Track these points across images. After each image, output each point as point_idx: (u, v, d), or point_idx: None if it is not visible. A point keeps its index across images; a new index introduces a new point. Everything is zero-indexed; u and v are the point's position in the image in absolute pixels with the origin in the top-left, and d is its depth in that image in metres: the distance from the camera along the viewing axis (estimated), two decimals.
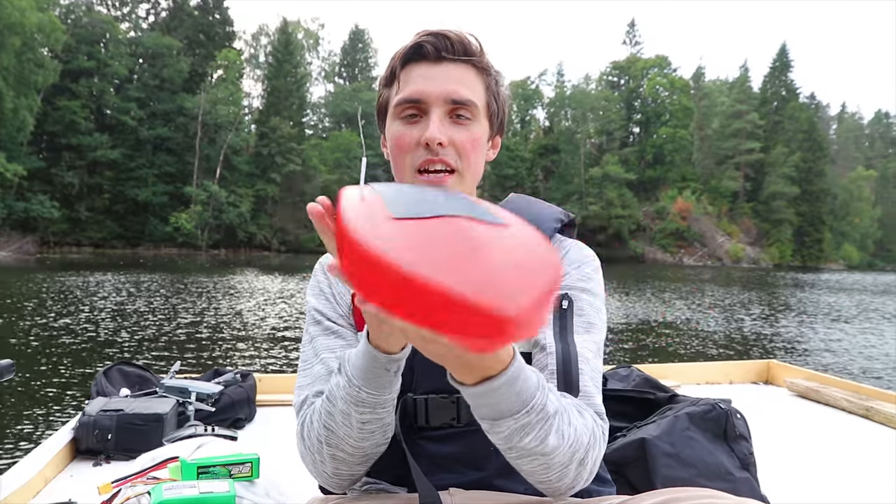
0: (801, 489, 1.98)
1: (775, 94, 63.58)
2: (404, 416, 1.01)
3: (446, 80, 1.02)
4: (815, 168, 59.15)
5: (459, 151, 1.02)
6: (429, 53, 1.02)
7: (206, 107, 42.95)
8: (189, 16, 48.60)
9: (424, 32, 1.04)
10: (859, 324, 11.83)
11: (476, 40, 1.06)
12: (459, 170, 1.03)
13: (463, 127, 1.03)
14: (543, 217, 1.12)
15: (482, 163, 1.09)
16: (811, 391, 3.12)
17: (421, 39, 1.03)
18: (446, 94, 1.01)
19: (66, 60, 39.18)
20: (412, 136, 1.02)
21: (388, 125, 1.08)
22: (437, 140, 0.99)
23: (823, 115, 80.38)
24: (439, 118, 1.01)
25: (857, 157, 78.46)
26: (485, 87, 1.06)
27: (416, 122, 1.03)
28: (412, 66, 1.04)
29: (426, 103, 1.01)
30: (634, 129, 62.66)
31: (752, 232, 58.72)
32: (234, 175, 44.95)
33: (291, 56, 50.02)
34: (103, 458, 2.07)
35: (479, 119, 1.05)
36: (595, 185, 53.05)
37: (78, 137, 39.33)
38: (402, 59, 1.05)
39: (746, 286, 23.25)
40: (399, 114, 1.04)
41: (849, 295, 20.60)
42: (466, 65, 1.04)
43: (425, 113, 1.02)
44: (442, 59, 1.03)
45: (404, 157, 1.04)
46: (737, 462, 1.21)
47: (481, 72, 1.06)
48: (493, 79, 1.08)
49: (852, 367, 7.89)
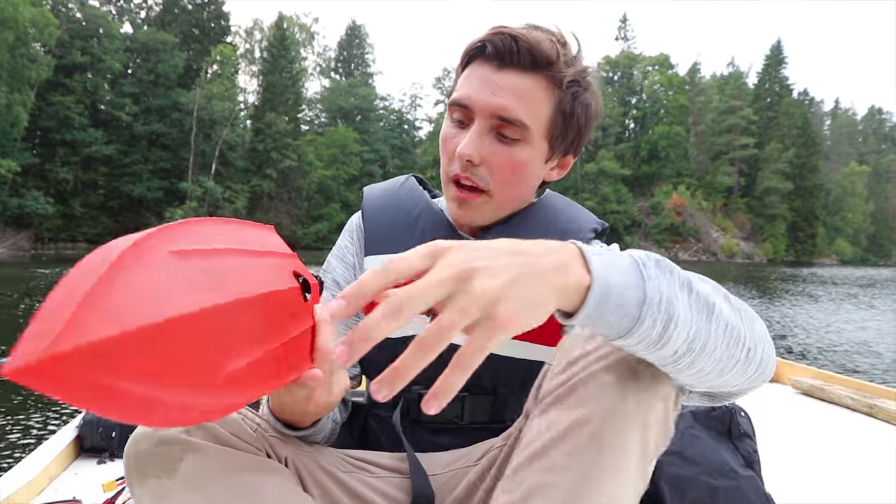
0: (805, 487, 1.98)
1: (769, 90, 63.68)
2: (407, 410, 1.01)
3: (500, 91, 0.90)
4: (808, 164, 59.29)
5: (494, 173, 0.93)
6: (491, 56, 0.91)
7: (202, 102, 42.74)
8: (183, 11, 48.34)
9: (496, 29, 0.92)
10: (857, 315, 11.92)
11: (557, 47, 0.92)
12: (490, 191, 0.94)
13: (506, 146, 0.92)
14: (580, 222, 1.05)
15: (527, 187, 0.98)
16: (815, 389, 3.12)
17: (488, 37, 0.91)
18: (493, 108, 0.90)
19: (59, 56, 38.90)
20: (454, 142, 0.95)
21: (445, 119, 1.00)
22: (467, 157, 0.91)
23: (817, 111, 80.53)
24: (479, 132, 0.91)
25: (850, 153, 78.72)
26: (554, 103, 0.93)
27: (463, 129, 0.95)
28: (475, 64, 0.94)
29: (472, 111, 0.92)
30: (630, 125, 62.71)
31: (747, 227, 58.86)
32: (229, 171, 44.79)
33: (287, 51, 49.79)
34: (107, 455, 2.06)
35: (531, 141, 0.93)
36: (590, 181, 53.08)
37: (72, 133, 39.08)
38: (467, 55, 0.95)
39: (742, 281, 23.31)
40: (451, 114, 0.96)
41: (845, 288, 20.71)
42: (534, 75, 0.91)
43: (471, 121, 0.93)
44: (504, 66, 0.90)
45: (445, 160, 0.97)
46: (741, 460, 1.21)
47: (554, 86, 0.92)
48: (570, 94, 0.94)
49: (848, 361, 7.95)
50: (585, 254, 0.56)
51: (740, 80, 64.35)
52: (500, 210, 0.98)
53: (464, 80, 0.94)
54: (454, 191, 0.96)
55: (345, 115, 58.89)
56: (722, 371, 0.63)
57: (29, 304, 9.41)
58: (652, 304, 0.56)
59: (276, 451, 0.84)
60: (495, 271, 0.50)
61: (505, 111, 0.89)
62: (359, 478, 0.92)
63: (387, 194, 1.11)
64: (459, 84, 0.95)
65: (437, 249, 0.53)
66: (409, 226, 1.04)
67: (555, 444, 0.66)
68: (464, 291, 0.49)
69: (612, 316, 0.56)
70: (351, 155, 51.12)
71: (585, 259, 0.56)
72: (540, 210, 1.05)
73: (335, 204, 48.16)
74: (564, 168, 1.03)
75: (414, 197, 1.08)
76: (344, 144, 50.99)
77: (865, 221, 68.69)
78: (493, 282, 0.50)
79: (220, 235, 0.58)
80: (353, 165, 50.64)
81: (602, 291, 0.55)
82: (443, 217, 1.05)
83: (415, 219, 1.04)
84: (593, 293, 0.54)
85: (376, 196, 1.12)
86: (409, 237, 1.02)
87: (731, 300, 0.65)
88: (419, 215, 1.05)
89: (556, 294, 0.53)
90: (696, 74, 65.62)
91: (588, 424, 0.65)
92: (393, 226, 1.05)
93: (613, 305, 0.55)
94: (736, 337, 0.62)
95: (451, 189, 0.97)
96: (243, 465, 0.76)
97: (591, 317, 0.55)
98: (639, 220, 54.91)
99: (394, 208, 1.07)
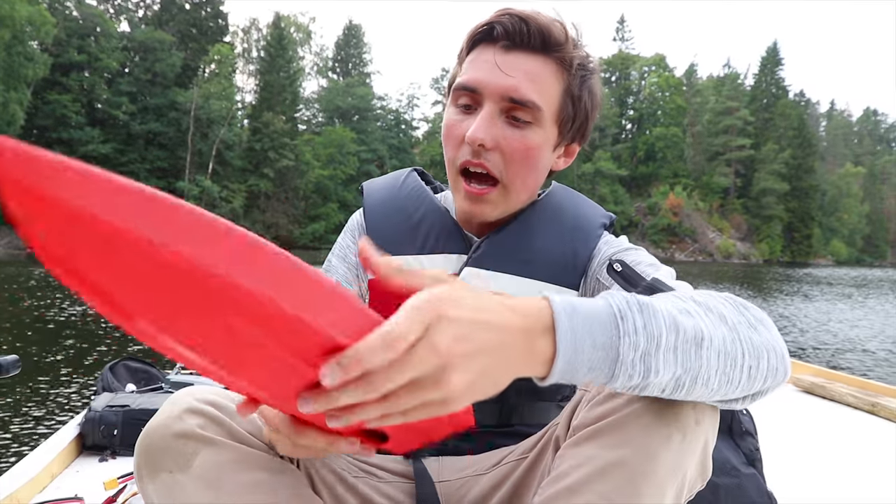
0: (807, 485, 1.98)
1: (766, 91, 63.84)
2: None
3: (510, 72, 0.87)
4: (804, 165, 59.47)
5: (506, 158, 0.89)
6: (499, 37, 0.88)
7: (199, 101, 42.67)
8: (181, 10, 48.26)
9: (503, 11, 0.89)
10: (850, 314, 11.97)
11: (566, 28, 0.90)
12: (504, 181, 0.91)
13: (518, 130, 0.89)
14: (590, 217, 1.02)
15: (539, 174, 0.94)
16: (817, 387, 3.12)
17: (495, 19, 0.88)
18: (504, 90, 0.87)
19: (56, 54, 38.80)
20: (461, 128, 0.91)
21: (447, 108, 0.95)
22: (479, 141, 0.87)
23: (813, 113, 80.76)
24: (490, 115, 0.88)
25: (845, 154, 79.02)
26: (563, 87, 0.91)
27: (470, 114, 0.91)
28: (481, 48, 0.90)
29: (481, 95, 0.88)
30: (627, 126, 62.79)
31: (743, 227, 59.01)
32: (226, 170, 44.71)
33: (284, 51, 49.73)
34: (109, 453, 2.07)
35: (543, 124, 0.90)
36: (587, 181, 53.13)
37: (69, 132, 38.98)
38: (471, 39, 0.92)
39: (739, 281, 23.36)
40: (455, 100, 0.92)
41: (839, 288, 20.77)
42: (543, 57, 0.89)
43: (480, 105, 0.89)
44: (513, 48, 0.88)
45: (451, 150, 0.93)
46: (743, 458, 1.20)
47: (563, 68, 0.90)
48: (579, 77, 0.92)
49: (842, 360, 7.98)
50: (556, 321, 0.54)
51: (737, 82, 64.50)
52: (511, 203, 0.95)
53: (470, 63, 0.91)
54: (464, 185, 0.92)
55: (342, 115, 58.82)
56: (725, 392, 0.63)
57: (32, 301, 9.37)
58: (625, 363, 0.56)
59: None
60: (469, 365, 0.50)
61: (516, 92, 0.87)
62: (367, 482, 0.91)
63: (389, 194, 1.07)
64: (465, 68, 0.91)
65: (434, 316, 0.49)
66: (413, 229, 1.00)
67: (590, 482, 0.65)
68: (435, 379, 0.49)
69: (584, 377, 0.56)
70: (348, 155, 51.05)
71: (555, 326, 0.54)
72: (549, 206, 1.02)
73: (332, 204, 48.09)
74: (571, 156, 1.01)
75: (416, 196, 1.04)
76: (341, 144, 50.92)
77: (861, 222, 68.91)
78: (464, 377, 0.50)
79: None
80: (350, 165, 50.58)
81: (568, 363, 0.54)
82: (447, 218, 1.01)
83: (418, 222, 1.01)
84: (557, 366, 0.54)
85: (377, 195, 1.08)
86: (412, 242, 0.99)
87: (729, 317, 0.63)
88: (422, 218, 1.01)
89: (519, 372, 0.54)
90: (693, 75, 65.76)
91: (626, 467, 0.64)
92: (396, 230, 1.01)
93: (584, 369, 0.55)
94: (732, 360, 0.61)
95: (461, 182, 0.92)
96: (257, 463, 0.75)
97: (560, 379, 0.56)
98: (636, 221, 55.03)
99: (396, 210, 1.03)
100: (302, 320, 0.44)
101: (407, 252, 0.98)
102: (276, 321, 0.43)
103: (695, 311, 0.61)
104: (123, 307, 0.42)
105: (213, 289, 0.41)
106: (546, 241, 0.97)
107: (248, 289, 0.41)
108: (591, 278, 0.95)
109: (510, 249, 0.96)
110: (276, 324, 0.43)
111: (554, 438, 0.80)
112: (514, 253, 0.96)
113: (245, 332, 0.44)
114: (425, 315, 0.48)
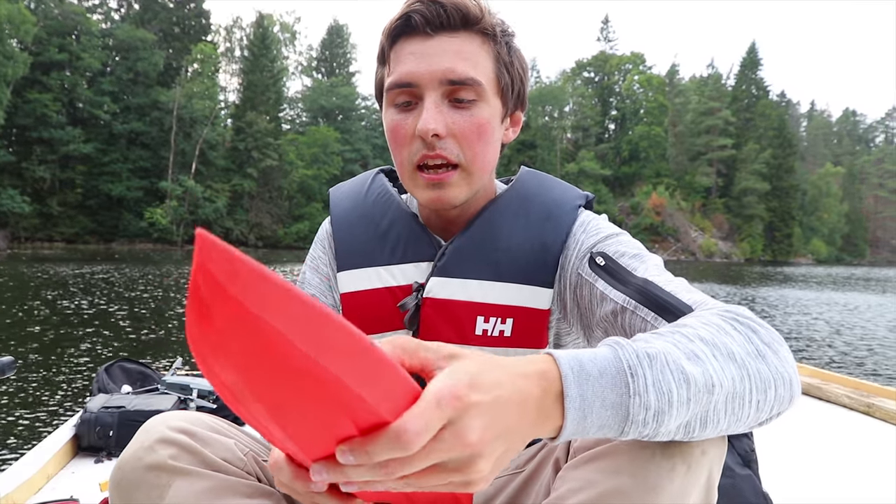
0: (802, 486, 1.98)
1: (746, 91, 64.44)
2: None
3: (441, 56, 0.85)
4: (785, 164, 60.16)
5: (461, 141, 0.87)
6: (418, 26, 0.86)
7: (182, 101, 42.30)
8: (163, 8, 47.82)
9: (413, 1, 0.86)
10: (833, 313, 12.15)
11: (478, 1, 0.88)
12: (463, 164, 0.88)
13: (465, 111, 0.87)
14: (560, 202, 0.97)
15: (494, 150, 0.92)
16: (812, 387, 3.11)
17: (409, 9, 0.86)
18: (440, 74, 0.85)
19: (36, 52, 38.29)
20: (407, 126, 0.88)
21: (384, 112, 0.92)
22: (432, 131, 0.84)
23: (793, 113, 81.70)
24: (434, 104, 0.85)
25: (825, 154, 79.94)
26: (493, 57, 0.89)
27: (412, 110, 0.88)
28: (402, 42, 0.88)
29: (419, 87, 0.86)
30: (610, 126, 63.15)
31: (725, 227, 59.56)
32: (209, 170, 44.37)
33: (268, 50, 49.46)
34: (105, 454, 2.09)
35: (487, 98, 0.88)
36: (571, 181, 51.98)
37: (49, 131, 38.49)
38: (390, 35, 0.89)
39: (722, 279, 23.60)
40: (392, 100, 0.89)
41: (819, 287, 21.05)
42: (467, 34, 0.87)
43: (420, 98, 0.87)
44: (435, 32, 0.86)
45: (401, 151, 0.89)
46: (738, 459, 1.21)
47: (487, 39, 0.88)
48: (504, 44, 0.90)
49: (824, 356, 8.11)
50: (564, 386, 0.54)
51: (719, 83, 65.07)
52: (475, 183, 0.91)
53: (396, 60, 0.88)
54: (422, 177, 0.89)
55: (326, 115, 58.65)
56: (734, 428, 0.62)
57: (22, 302, 9.26)
58: (636, 421, 0.55)
59: (266, 474, 0.83)
60: (495, 448, 0.50)
61: (453, 73, 0.84)
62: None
63: (354, 203, 1.04)
64: (392, 67, 0.89)
65: (460, 407, 0.48)
66: (381, 238, 0.99)
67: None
68: (460, 465, 0.49)
69: (594, 434, 0.56)
70: (332, 154, 50.92)
71: (563, 392, 0.54)
72: (515, 197, 0.98)
73: (317, 203, 47.92)
74: (517, 125, 0.98)
75: (383, 203, 1.02)
76: (325, 144, 50.78)
77: (840, 221, 69.78)
78: (490, 461, 0.50)
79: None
80: (334, 165, 50.43)
81: (577, 425, 0.54)
82: (414, 222, 0.99)
83: (385, 231, 0.99)
84: (566, 431, 0.54)
85: (343, 203, 1.05)
86: (381, 252, 0.98)
87: (738, 352, 0.61)
88: (390, 226, 0.99)
89: (531, 438, 0.54)
90: (675, 76, 66.24)
91: (626, 497, 0.62)
92: (364, 240, 1.00)
93: (593, 429, 0.55)
94: (741, 399, 0.60)
95: (418, 177, 0.89)
96: (233, 490, 0.74)
97: (570, 439, 0.56)
98: (619, 220, 55.29)
99: (363, 219, 1.01)
100: (363, 399, 0.44)
101: (377, 263, 0.98)
102: (343, 397, 0.44)
103: (702, 352, 0.59)
104: (247, 393, 0.44)
105: (333, 392, 0.43)
106: (513, 238, 0.94)
107: (357, 393, 0.43)
108: (568, 272, 0.91)
109: (475, 253, 0.93)
110: (343, 400, 0.44)
111: (554, 459, 0.79)
112: (479, 256, 0.93)
113: (316, 407, 0.45)
114: (446, 410, 0.47)
